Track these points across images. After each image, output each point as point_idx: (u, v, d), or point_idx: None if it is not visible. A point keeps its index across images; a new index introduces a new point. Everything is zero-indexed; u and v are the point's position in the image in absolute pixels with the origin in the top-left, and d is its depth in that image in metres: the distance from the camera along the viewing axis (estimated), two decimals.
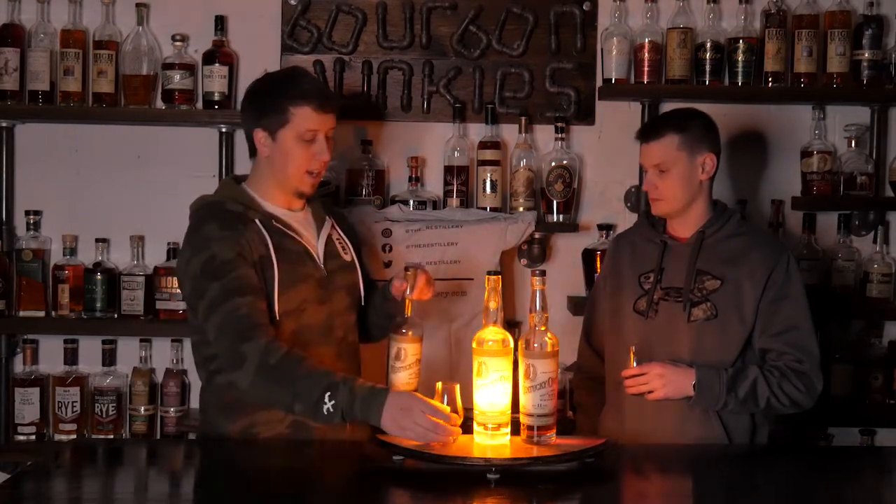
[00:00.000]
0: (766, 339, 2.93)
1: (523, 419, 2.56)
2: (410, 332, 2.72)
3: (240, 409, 2.76)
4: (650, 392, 2.84)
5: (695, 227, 3.01)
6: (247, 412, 2.78)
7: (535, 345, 2.55)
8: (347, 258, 2.94)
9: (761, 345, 2.94)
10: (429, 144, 3.75)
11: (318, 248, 2.88)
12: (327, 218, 2.96)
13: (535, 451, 2.51)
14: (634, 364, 2.85)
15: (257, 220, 2.80)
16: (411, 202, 3.66)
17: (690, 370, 2.86)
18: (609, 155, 3.77)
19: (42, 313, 3.66)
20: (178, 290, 3.42)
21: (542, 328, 2.56)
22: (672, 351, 2.92)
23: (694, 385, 2.84)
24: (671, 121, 3.02)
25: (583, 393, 3.25)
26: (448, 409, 2.55)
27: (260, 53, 3.69)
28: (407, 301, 2.75)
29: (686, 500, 2.53)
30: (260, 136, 2.85)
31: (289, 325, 2.78)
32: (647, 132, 3.01)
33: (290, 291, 2.77)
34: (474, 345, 2.57)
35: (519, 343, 2.57)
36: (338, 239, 2.95)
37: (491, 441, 2.54)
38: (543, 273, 2.56)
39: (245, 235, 2.76)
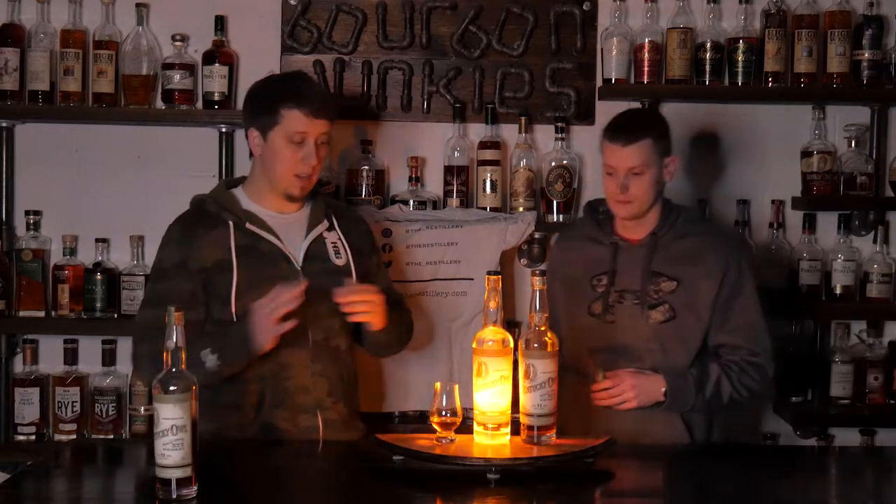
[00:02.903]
0: (721, 335, 2.96)
1: (523, 419, 2.56)
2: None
3: (208, 412, 2.76)
4: (622, 403, 2.85)
5: (647, 228, 3.02)
6: (215, 416, 2.80)
7: (535, 345, 2.55)
8: (339, 262, 2.94)
9: (716, 340, 2.97)
10: (429, 144, 3.75)
11: (297, 251, 2.90)
12: (325, 219, 2.97)
13: (535, 451, 2.51)
14: (601, 377, 2.85)
15: (230, 222, 2.87)
16: (411, 202, 3.66)
17: (658, 376, 2.88)
18: None
19: (42, 313, 3.66)
20: None
21: (542, 328, 2.56)
22: (632, 354, 2.93)
23: (665, 392, 2.87)
24: (647, 123, 3.02)
25: None
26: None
27: (260, 53, 3.69)
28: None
29: (688, 499, 2.53)
30: (253, 135, 2.93)
31: None
32: (624, 134, 2.97)
33: (251, 293, 2.80)
34: (474, 345, 2.56)
35: (519, 343, 2.57)
36: (333, 242, 2.96)
37: (491, 441, 2.54)
38: (543, 273, 2.56)
39: (204, 239, 2.85)
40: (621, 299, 2.98)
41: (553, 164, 3.66)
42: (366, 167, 3.67)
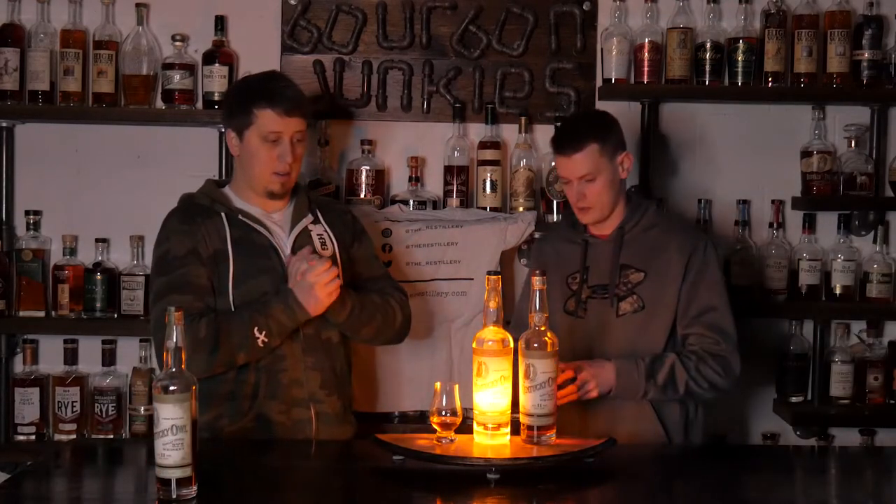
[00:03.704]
0: (685, 324, 2.96)
1: (523, 419, 2.56)
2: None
3: (206, 402, 2.77)
4: (586, 393, 2.84)
5: (614, 224, 3.04)
6: (212, 405, 2.83)
7: (535, 345, 2.55)
8: (326, 253, 2.96)
9: (682, 330, 2.97)
10: (429, 144, 3.75)
11: (285, 244, 2.92)
12: (309, 213, 2.99)
13: (535, 451, 2.51)
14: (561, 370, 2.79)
15: (222, 214, 2.92)
16: (411, 202, 3.66)
17: (608, 363, 2.88)
18: None
19: (42, 313, 3.66)
20: None
21: (542, 328, 2.56)
22: (604, 347, 2.95)
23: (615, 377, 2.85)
24: (589, 129, 3.01)
25: None
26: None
27: (260, 53, 3.69)
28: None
29: (689, 499, 2.52)
30: (230, 135, 2.98)
31: None
32: (568, 144, 2.99)
33: (247, 283, 2.86)
34: (474, 345, 2.56)
35: (519, 343, 2.57)
36: (319, 234, 2.98)
37: (491, 441, 2.54)
38: (544, 273, 2.56)
39: (203, 228, 2.88)
40: (594, 295, 3.01)
41: (553, 163, 3.66)
42: (366, 167, 3.67)
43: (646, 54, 3.66)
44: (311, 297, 2.79)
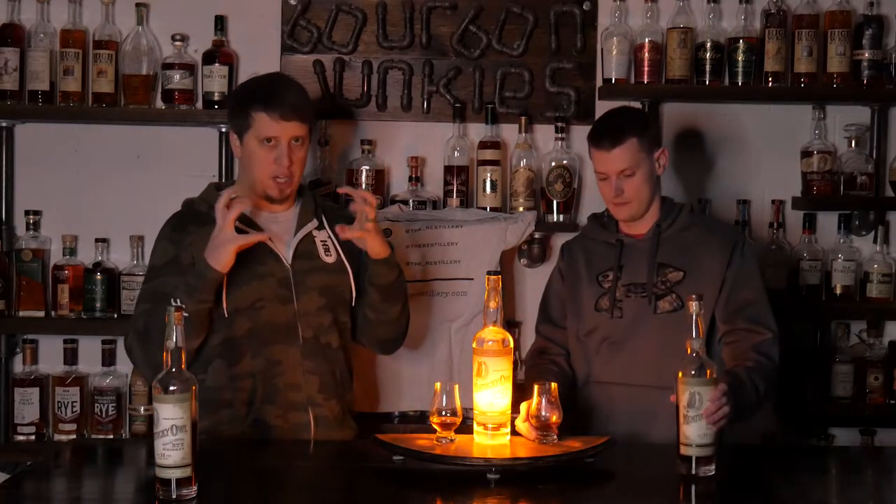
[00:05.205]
0: (725, 318, 2.93)
1: (687, 451, 2.47)
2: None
3: (203, 410, 2.76)
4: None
5: (649, 224, 3.03)
6: (210, 411, 2.83)
7: (693, 372, 2.46)
8: (329, 260, 2.95)
9: (723, 326, 2.93)
10: (429, 144, 3.75)
11: (286, 248, 2.91)
12: (314, 219, 2.98)
13: (535, 451, 2.51)
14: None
15: None
16: (411, 202, 3.66)
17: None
18: None
19: (42, 313, 3.66)
20: None
21: (701, 354, 2.47)
22: (639, 345, 2.93)
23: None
24: (628, 124, 3.00)
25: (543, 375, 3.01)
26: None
27: (260, 53, 3.69)
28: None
29: (689, 499, 2.52)
30: (232, 137, 2.98)
31: (242, 322, 2.86)
32: (608, 139, 2.97)
33: (241, 289, 2.84)
34: (474, 345, 2.57)
35: (678, 374, 2.48)
36: (322, 241, 2.97)
37: (491, 441, 2.54)
38: (700, 297, 2.47)
39: (193, 237, 2.86)
40: (628, 293, 2.98)
41: (553, 163, 3.66)
42: (366, 167, 3.67)
43: (646, 54, 3.66)
44: (212, 248, 2.73)
